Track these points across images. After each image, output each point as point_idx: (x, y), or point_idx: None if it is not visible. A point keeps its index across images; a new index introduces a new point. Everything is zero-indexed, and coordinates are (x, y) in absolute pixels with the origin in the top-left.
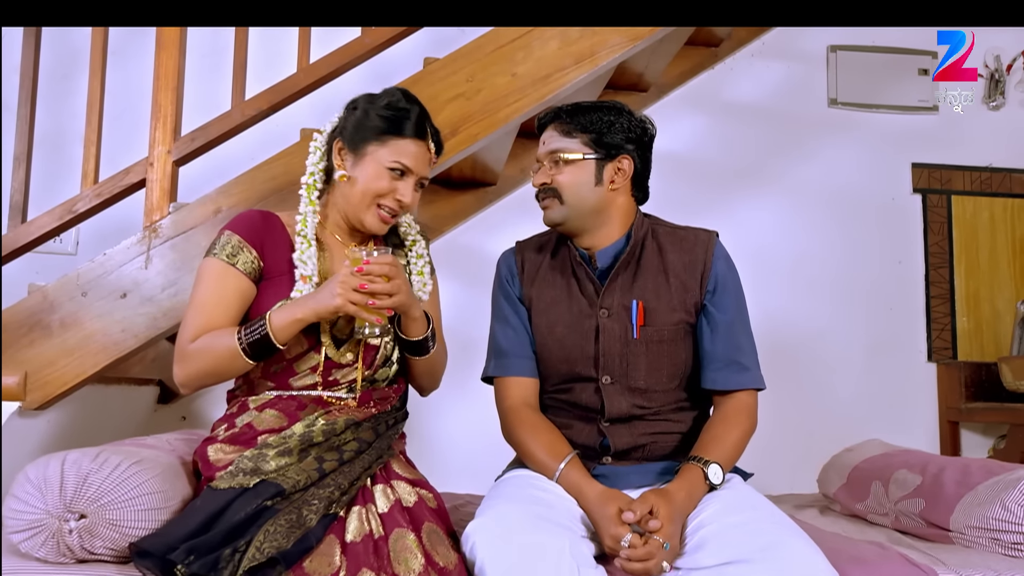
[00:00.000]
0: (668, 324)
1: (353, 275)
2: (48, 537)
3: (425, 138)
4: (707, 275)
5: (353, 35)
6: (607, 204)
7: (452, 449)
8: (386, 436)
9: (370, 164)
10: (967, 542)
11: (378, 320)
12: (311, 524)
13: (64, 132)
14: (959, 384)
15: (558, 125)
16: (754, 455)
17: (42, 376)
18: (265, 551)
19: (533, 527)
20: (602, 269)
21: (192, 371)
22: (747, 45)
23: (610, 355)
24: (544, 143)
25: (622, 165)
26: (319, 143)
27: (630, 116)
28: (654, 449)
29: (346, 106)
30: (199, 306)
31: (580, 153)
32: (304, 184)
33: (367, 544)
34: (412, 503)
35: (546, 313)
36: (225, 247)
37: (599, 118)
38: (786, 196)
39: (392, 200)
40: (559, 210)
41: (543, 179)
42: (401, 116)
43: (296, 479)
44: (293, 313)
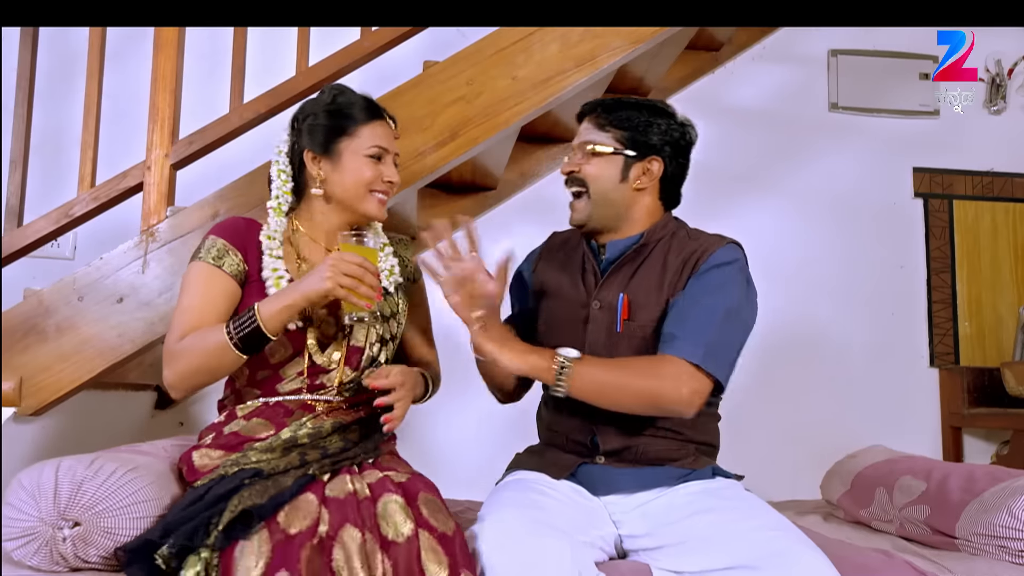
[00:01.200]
0: (650, 320)
1: (344, 260)
2: (41, 545)
3: (383, 116)
4: (695, 271)
5: (352, 38)
6: (630, 203)
7: (450, 454)
8: (374, 438)
9: (350, 159)
10: (973, 549)
11: (367, 306)
12: (286, 485)
13: (61, 136)
14: (961, 389)
15: (594, 117)
16: (755, 460)
17: (37, 381)
18: (238, 509)
19: (534, 532)
20: (607, 261)
21: (181, 369)
22: (748, 49)
23: (595, 345)
24: (580, 133)
25: (651, 167)
26: (282, 165)
27: (671, 119)
28: (646, 451)
29: (291, 122)
30: (187, 308)
31: (610, 147)
32: (271, 208)
33: (351, 501)
34: (404, 480)
35: (549, 297)
36: (211, 250)
37: (636, 116)
38: (787, 201)
39: (382, 183)
40: (584, 209)
41: (571, 167)
42: (354, 106)
43: (276, 465)
44: (282, 300)
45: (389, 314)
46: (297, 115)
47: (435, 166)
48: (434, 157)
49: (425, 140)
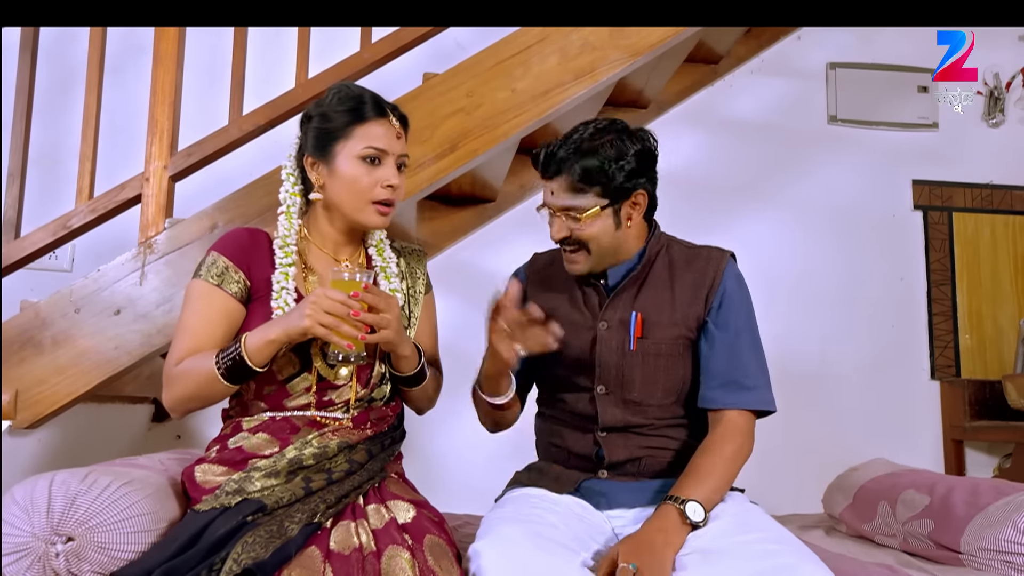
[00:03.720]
0: (667, 339)
1: (326, 297)
2: (34, 561)
3: (386, 115)
4: (713, 292)
5: (352, 50)
6: (626, 237)
7: (449, 468)
8: (380, 457)
9: (344, 163)
10: (978, 565)
11: (349, 346)
12: (292, 534)
13: (59, 148)
14: (963, 402)
15: (565, 181)
16: (756, 474)
17: (33, 394)
18: (242, 562)
19: (536, 548)
20: (611, 285)
21: (176, 395)
22: (747, 62)
23: (606, 366)
24: (552, 194)
25: (637, 200)
26: (290, 169)
27: (630, 144)
28: (650, 464)
29: (299, 123)
30: (185, 328)
31: (596, 206)
32: (280, 214)
33: (356, 557)
34: (410, 519)
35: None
36: (211, 268)
37: (605, 164)
38: (786, 213)
39: (380, 190)
40: (586, 263)
41: (564, 233)
42: (354, 103)
43: (280, 496)
44: (266, 334)
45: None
46: (302, 119)
47: (434, 178)
48: (433, 169)
49: (424, 152)
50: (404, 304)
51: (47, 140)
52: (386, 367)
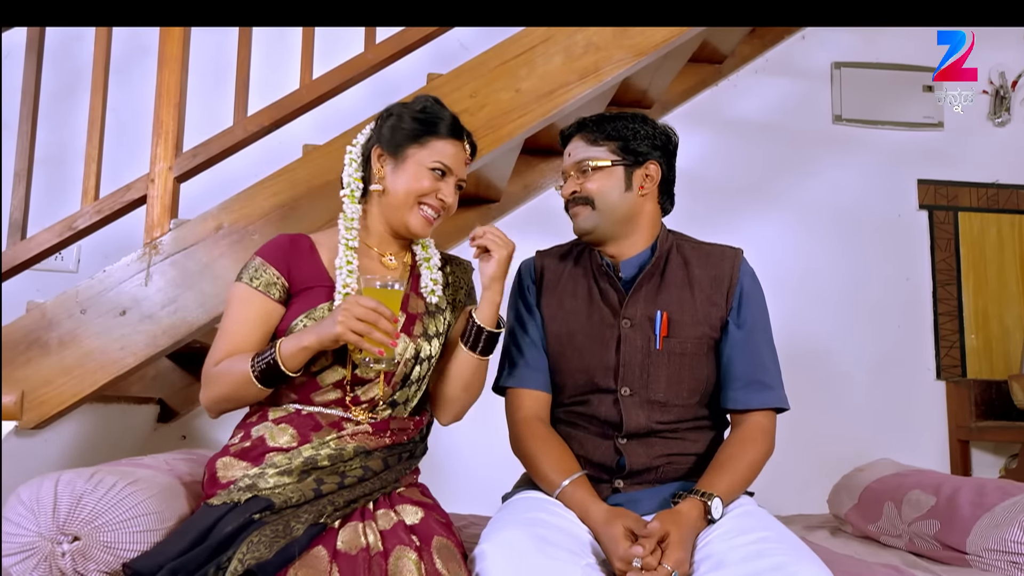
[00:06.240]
0: (692, 337)
1: (358, 304)
2: (40, 560)
3: (461, 138)
4: (732, 290)
5: (356, 51)
6: (636, 211)
7: (456, 468)
8: (396, 469)
9: (412, 166)
10: (985, 565)
11: (380, 352)
12: (296, 534)
13: (65, 149)
14: (969, 402)
15: (584, 135)
16: (761, 474)
17: (39, 395)
18: (246, 562)
19: (541, 553)
20: (626, 279)
21: (212, 395)
22: (751, 62)
23: (630, 366)
24: (570, 155)
25: (650, 171)
26: (353, 155)
27: (654, 125)
28: (668, 471)
29: (379, 115)
30: (225, 331)
31: (608, 160)
32: (344, 196)
33: (362, 558)
34: (418, 520)
35: (565, 321)
36: (249, 270)
37: (624, 126)
38: (791, 213)
39: (435, 199)
40: (590, 217)
41: (572, 188)
42: (437, 118)
43: (289, 496)
44: (300, 341)
45: (434, 333)
46: (383, 112)
47: None
48: None
49: None
50: (445, 309)
51: (53, 141)
52: (413, 366)
